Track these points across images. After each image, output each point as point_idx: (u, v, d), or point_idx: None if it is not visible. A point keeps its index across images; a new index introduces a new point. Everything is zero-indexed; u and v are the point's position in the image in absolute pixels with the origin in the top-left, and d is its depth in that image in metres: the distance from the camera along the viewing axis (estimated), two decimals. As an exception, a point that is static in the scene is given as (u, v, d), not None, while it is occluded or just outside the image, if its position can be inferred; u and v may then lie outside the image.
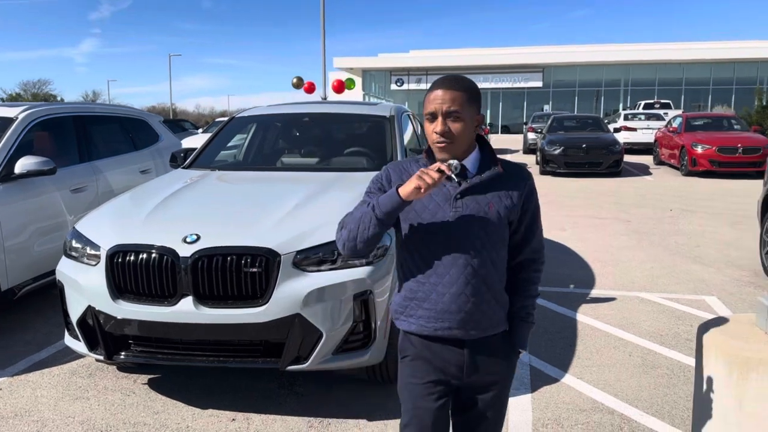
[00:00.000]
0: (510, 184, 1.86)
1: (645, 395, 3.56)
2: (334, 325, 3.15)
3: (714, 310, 5.07)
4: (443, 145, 1.79)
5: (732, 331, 2.40)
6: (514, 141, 25.70)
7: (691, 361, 3.99)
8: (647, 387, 3.67)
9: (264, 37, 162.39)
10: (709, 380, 2.35)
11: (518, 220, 1.90)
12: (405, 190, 1.71)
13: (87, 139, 5.80)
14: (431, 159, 1.87)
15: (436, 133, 1.78)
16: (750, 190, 12.12)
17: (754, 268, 6.31)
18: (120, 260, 3.24)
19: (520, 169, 1.92)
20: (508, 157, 20.89)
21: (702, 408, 2.43)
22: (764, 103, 21.92)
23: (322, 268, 3.21)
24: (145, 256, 3.19)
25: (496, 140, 28.11)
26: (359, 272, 3.23)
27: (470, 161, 1.85)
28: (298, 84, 19.97)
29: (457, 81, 1.81)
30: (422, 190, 1.67)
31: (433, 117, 1.80)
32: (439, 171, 1.68)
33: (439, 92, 1.78)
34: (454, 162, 1.74)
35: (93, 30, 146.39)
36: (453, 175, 1.77)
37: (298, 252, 3.17)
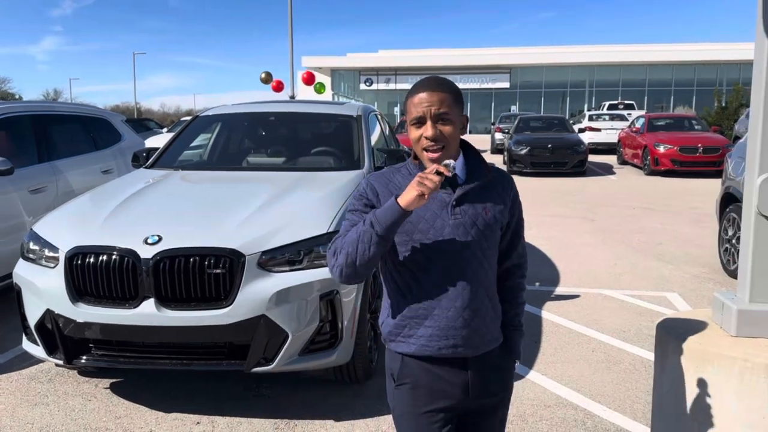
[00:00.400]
0: (499, 188, 1.78)
1: (608, 390, 3.63)
2: (300, 325, 3.13)
3: (675, 306, 5.19)
4: (436, 149, 1.67)
5: (689, 326, 2.45)
6: (482, 141, 25.93)
7: (653, 357, 4.08)
8: (610, 382, 3.74)
9: (231, 36, 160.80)
10: (668, 374, 2.40)
11: (506, 225, 1.81)
12: (405, 199, 1.56)
13: (46, 138, 5.66)
14: (420, 165, 1.75)
15: (426, 138, 1.66)
16: (710, 188, 12.44)
17: (714, 264, 6.48)
18: (79, 262, 3.16)
19: (503, 173, 1.84)
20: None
21: (661, 402, 2.48)
22: (723, 105, 22.52)
23: (288, 268, 3.18)
24: (105, 258, 3.12)
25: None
26: (326, 272, 3.20)
27: (458, 166, 1.75)
28: (267, 79, 19.79)
29: (442, 82, 1.71)
30: (426, 196, 1.55)
31: (420, 121, 1.67)
32: (438, 173, 1.57)
33: (424, 95, 1.66)
34: (451, 162, 1.61)
35: (55, 27, 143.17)
36: (451, 175, 1.64)
37: (263, 252, 3.15)
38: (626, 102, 29.59)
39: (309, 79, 19.94)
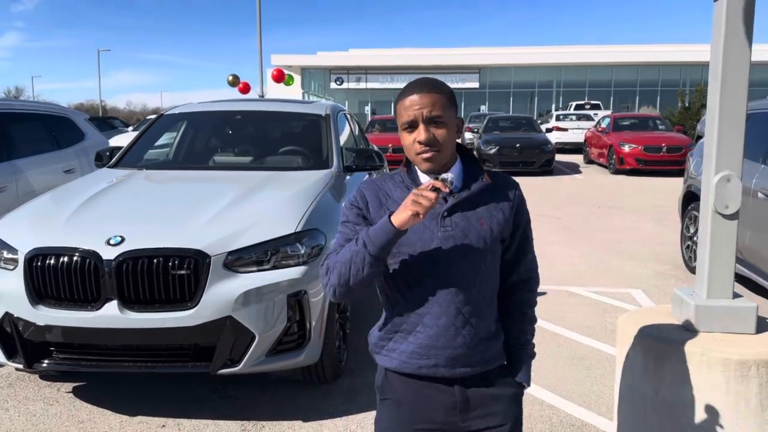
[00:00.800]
0: (499, 196, 1.65)
1: (573, 386, 3.68)
2: (267, 326, 3.11)
3: (639, 302, 5.30)
4: (429, 155, 1.57)
5: (649, 321, 2.51)
6: (452, 140, 26.14)
7: (616, 352, 4.16)
8: (575, 378, 3.79)
9: (199, 34, 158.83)
10: (629, 369, 2.45)
11: (510, 236, 1.69)
12: (399, 218, 1.47)
13: (5, 137, 5.52)
14: (412, 173, 1.67)
15: (419, 142, 1.56)
16: (673, 187, 12.71)
17: (677, 261, 6.63)
18: (39, 264, 3.09)
19: (507, 179, 1.71)
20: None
21: (623, 396, 2.53)
22: (686, 105, 23.03)
23: (255, 268, 3.16)
24: (66, 259, 3.06)
25: (435, 139, 28.46)
26: (293, 272, 3.20)
27: (454, 172, 1.64)
28: (234, 82, 19.63)
29: (434, 83, 1.61)
30: (421, 215, 1.45)
31: (412, 125, 1.58)
32: (434, 189, 1.46)
33: (415, 97, 1.56)
34: (449, 176, 1.51)
35: (16, 23, 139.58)
36: (449, 191, 1.53)
37: (229, 253, 3.11)
38: (593, 102, 30.09)
39: (279, 77, 19.80)
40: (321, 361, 3.43)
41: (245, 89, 19.63)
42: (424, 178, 1.64)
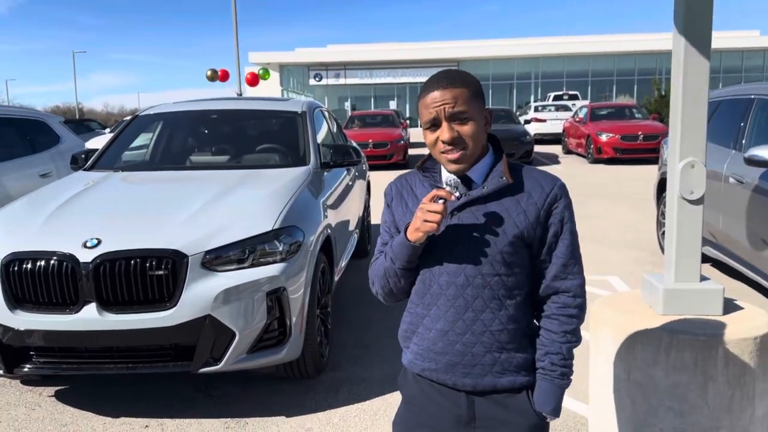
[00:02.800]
0: (524, 197, 1.51)
1: (552, 373, 3.74)
2: (247, 324, 3.13)
3: (615, 288, 5.39)
4: (456, 155, 1.47)
5: (621, 306, 2.57)
6: (433, 134, 26.19)
7: (594, 338, 4.23)
8: (554, 365, 3.85)
9: (175, 32, 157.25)
10: (601, 354, 2.51)
11: (539, 241, 1.53)
12: (413, 236, 1.45)
13: (-22, 142, 5.45)
14: (429, 172, 1.60)
15: (443, 141, 1.46)
16: (650, 174, 12.88)
17: (653, 248, 6.74)
18: (16, 269, 3.08)
19: (543, 178, 1.55)
20: (427, 150, 21.21)
21: (597, 380, 2.59)
22: (662, 93, 23.31)
23: (233, 267, 3.17)
24: (43, 263, 3.05)
25: (415, 134, 28.52)
26: (272, 269, 3.22)
27: (478, 169, 1.53)
28: (213, 77, 19.48)
29: (456, 76, 1.49)
30: (436, 230, 1.42)
31: (434, 124, 1.48)
32: (439, 199, 1.42)
33: (436, 93, 1.46)
34: (452, 178, 1.47)
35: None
36: (456, 198, 1.49)
37: (207, 252, 3.13)
38: (571, 93, 30.33)
39: (253, 80, 19.71)
40: (303, 357, 3.46)
41: (224, 76, 19.47)
42: (445, 176, 1.57)
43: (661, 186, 6.53)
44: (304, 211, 3.66)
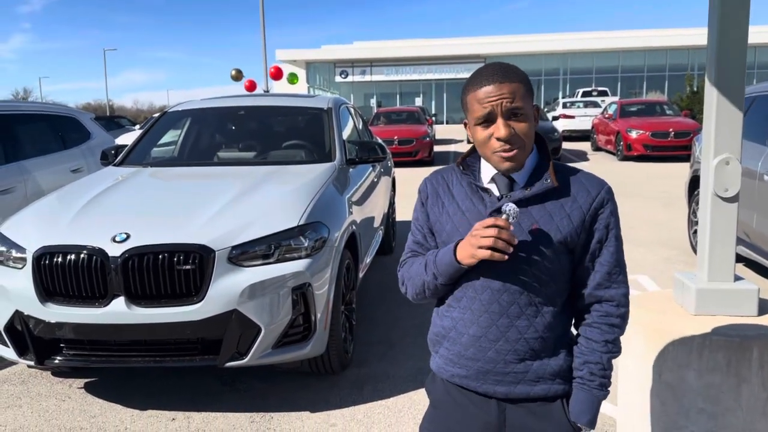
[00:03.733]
0: (570, 200, 1.45)
1: (579, 373, 3.68)
2: (272, 319, 3.14)
3: (645, 288, 5.29)
4: (512, 153, 1.40)
5: (652, 306, 2.52)
6: (459, 132, 26.05)
7: (623, 338, 4.16)
8: (581, 365, 3.80)
9: (204, 30, 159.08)
10: (631, 354, 2.46)
11: (582, 247, 1.47)
12: (464, 260, 1.40)
13: (12, 138, 5.57)
14: (469, 169, 1.53)
15: (499, 139, 1.38)
16: (681, 172, 12.62)
17: (684, 247, 6.61)
18: (47, 262, 3.14)
19: (590, 181, 1.47)
20: (453, 147, 21.18)
21: (626, 381, 2.54)
22: (694, 89, 22.84)
23: (259, 262, 3.18)
24: (73, 257, 3.10)
25: (442, 131, 28.42)
26: (297, 265, 3.22)
27: (526, 167, 1.47)
28: (237, 76, 19.60)
29: (510, 70, 1.41)
30: (495, 256, 1.34)
31: (488, 120, 1.40)
32: (494, 227, 1.33)
33: (490, 88, 1.38)
34: (511, 208, 1.35)
35: (23, 24, 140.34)
36: (511, 226, 1.36)
37: (234, 247, 3.14)
38: (600, 89, 29.89)
39: (276, 74, 19.74)
40: (327, 353, 3.46)
41: (252, 87, 19.57)
42: (486, 174, 1.50)
43: (693, 184, 6.39)
44: (329, 208, 3.66)
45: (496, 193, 1.47)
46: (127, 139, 12.79)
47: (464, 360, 1.49)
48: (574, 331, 1.57)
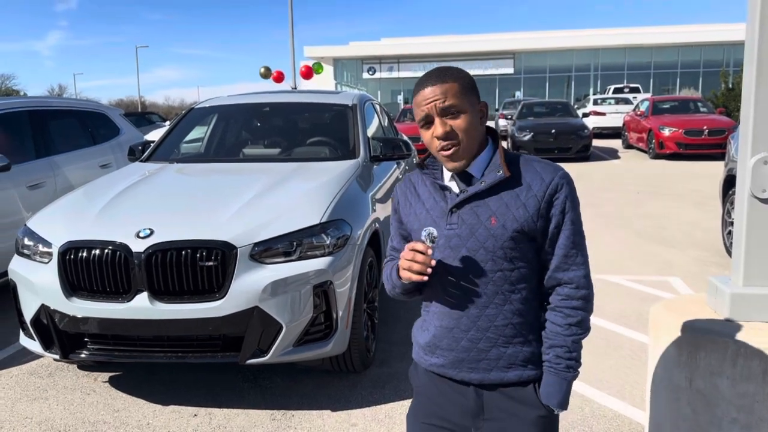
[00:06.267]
0: (523, 189, 1.49)
1: (607, 376, 3.60)
2: (294, 316, 3.12)
3: (677, 290, 5.16)
4: (451, 151, 1.47)
5: (683, 310, 2.43)
6: (487, 128, 25.85)
7: (652, 341, 4.06)
8: (609, 368, 3.71)
9: (233, 27, 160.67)
10: (661, 359, 2.37)
11: (542, 234, 1.51)
12: (403, 275, 1.47)
13: (43, 134, 5.66)
14: (430, 170, 1.60)
15: (437, 137, 1.47)
16: (715, 171, 12.31)
17: (717, 248, 6.43)
18: (72, 257, 3.16)
19: (545, 169, 1.52)
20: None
21: (655, 387, 2.46)
22: (730, 86, 22.24)
23: (281, 259, 3.17)
24: (97, 252, 3.12)
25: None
26: (319, 263, 3.20)
27: (477, 163, 1.53)
28: (266, 74, 19.75)
29: (444, 72, 1.49)
30: (424, 276, 1.42)
31: (428, 122, 1.48)
32: (415, 250, 1.42)
33: (426, 91, 1.47)
34: (429, 233, 1.42)
35: (59, 22, 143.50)
36: (429, 249, 1.43)
37: (256, 244, 3.13)
38: (631, 85, 29.28)
39: (307, 74, 19.87)
40: (349, 351, 3.44)
41: (279, 78, 19.72)
42: (447, 172, 1.57)
43: (728, 183, 6.21)
44: (352, 205, 3.63)
45: (456, 189, 1.54)
46: (157, 135, 12.98)
47: (440, 350, 1.57)
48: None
